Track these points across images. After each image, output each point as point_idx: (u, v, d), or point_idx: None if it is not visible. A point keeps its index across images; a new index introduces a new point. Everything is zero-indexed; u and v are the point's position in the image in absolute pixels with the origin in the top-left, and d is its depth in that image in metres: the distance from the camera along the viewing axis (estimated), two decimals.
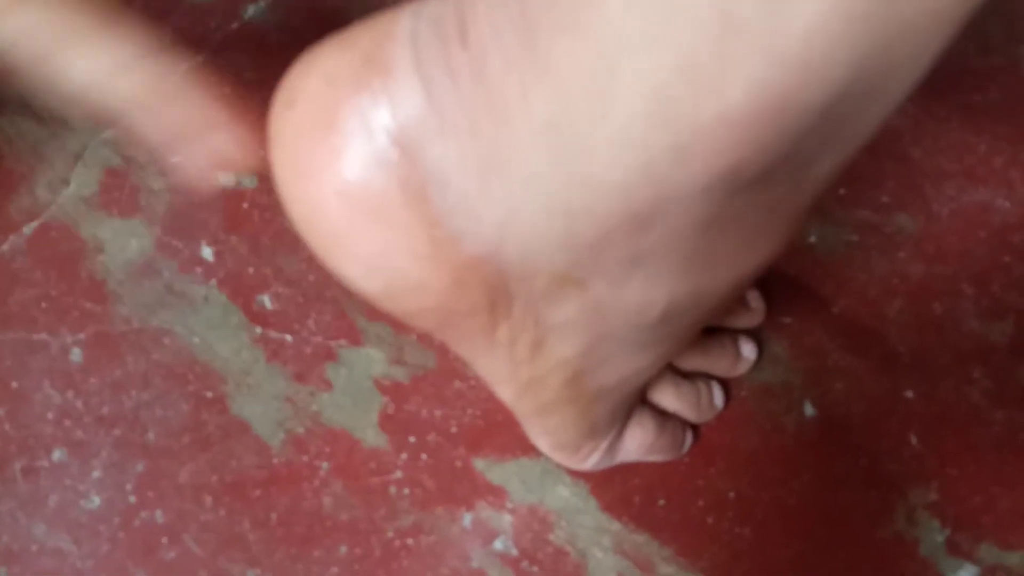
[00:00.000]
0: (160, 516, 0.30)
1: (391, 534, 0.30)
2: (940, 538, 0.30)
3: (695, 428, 0.31)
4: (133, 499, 0.31)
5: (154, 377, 0.32)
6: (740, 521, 0.30)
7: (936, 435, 0.32)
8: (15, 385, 0.32)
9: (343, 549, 0.30)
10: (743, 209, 0.17)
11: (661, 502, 0.30)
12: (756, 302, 0.31)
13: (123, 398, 0.32)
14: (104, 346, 0.33)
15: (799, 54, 0.14)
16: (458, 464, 0.31)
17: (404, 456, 0.31)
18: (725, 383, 0.32)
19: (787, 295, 0.34)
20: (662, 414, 0.29)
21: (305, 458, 0.31)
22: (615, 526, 0.30)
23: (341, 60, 0.18)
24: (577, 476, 0.31)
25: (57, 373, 0.32)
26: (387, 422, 0.32)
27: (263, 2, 0.41)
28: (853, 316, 0.34)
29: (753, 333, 0.32)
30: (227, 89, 0.39)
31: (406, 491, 0.31)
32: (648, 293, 0.19)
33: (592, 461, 0.28)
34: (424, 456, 0.31)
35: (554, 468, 0.31)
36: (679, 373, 0.30)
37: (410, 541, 0.30)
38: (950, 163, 0.36)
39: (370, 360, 0.32)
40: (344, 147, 0.18)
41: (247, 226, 0.34)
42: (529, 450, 0.30)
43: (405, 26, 0.17)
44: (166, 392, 0.32)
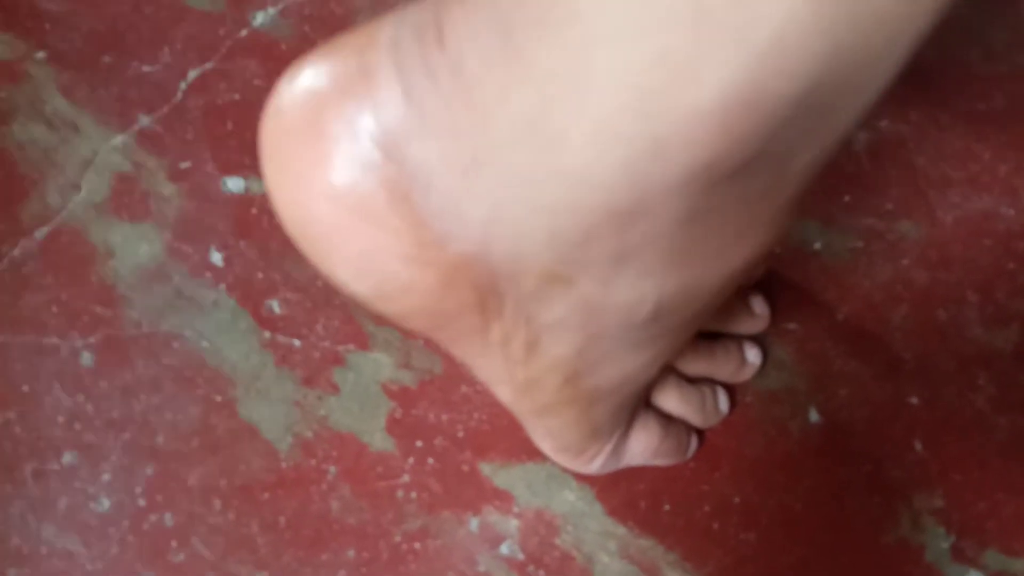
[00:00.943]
0: (169, 519, 0.31)
1: (398, 538, 0.30)
2: (945, 544, 0.30)
3: (700, 433, 0.31)
4: (142, 502, 0.31)
5: (164, 381, 0.32)
6: (745, 526, 0.30)
7: (940, 441, 0.32)
8: (26, 388, 0.32)
9: (351, 553, 0.30)
10: (726, 202, 0.17)
11: (667, 507, 0.31)
12: (760, 308, 0.32)
13: (133, 402, 0.32)
14: (114, 350, 0.33)
15: (772, 44, 0.14)
16: (465, 468, 0.31)
17: (411, 460, 0.31)
18: (730, 388, 0.32)
19: (792, 301, 0.34)
20: (667, 418, 0.29)
21: (313, 462, 0.31)
22: (621, 530, 0.30)
23: (326, 67, 0.18)
24: (583, 480, 0.31)
25: (68, 377, 0.32)
26: (394, 426, 0.32)
27: (272, 9, 0.41)
28: (857, 322, 0.34)
29: (758, 339, 0.33)
30: (236, 95, 0.39)
31: (413, 495, 0.31)
32: (637, 290, 0.20)
33: (596, 464, 0.28)
34: (431, 460, 0.31)
35: (560, 472, 0.31)
36: (684, 378, 0.30)
37: (417, 545, 0.30)
38: (954, 171, 0.36)
39: (378, 365, 0.33)
40: (330, 152, 0.18)
41: (256, 231, 0.35)
42: (535, 454, 0.31)
43: (387, 32, 0.18)
44: (175, 396, 0.32)
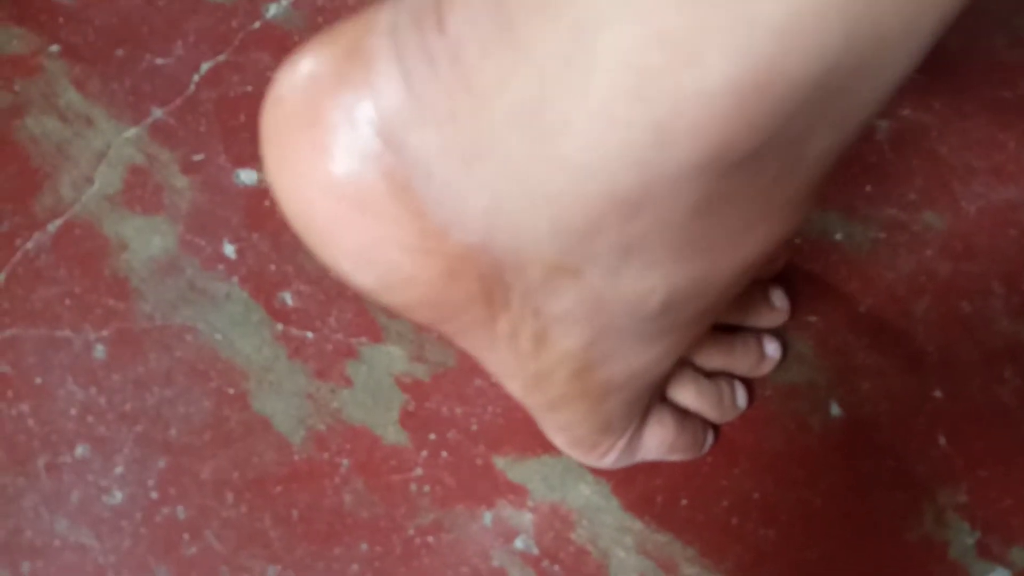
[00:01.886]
0: (182, 512, 0.30)
1: (411, 532, 0.30)
2: (970, 540, 0.29)
3: (716, 428, 0.31)
4: (155, 495, 0.31)
5: (176, 374, 0.32)
6: (765, 522, 0.30)
7: (965, 436, 0.31)
8: (39, 381, 0.32)
9: (363, 546, 0.30)
10: (736, 191, 0.17)
11: (684, 502, 0.30)
12: (780, 301, 0.31)
13: (145, 395, 0.32)
14: (127, 343, 0.33)
15: (784, 22, 0.13)
16: (479, 462, 0.31)
17: (424, 454, 0.31)
18: (749, 382, 0.31)
19: (812, 293, 0.33)
20: (683, 413, 0.29)
21: (326, 455, 0.31)
22: (637, 525, 0.30)
23: (324, 56, 0.18)
24: (599, 474, 0.30)
25: (80, 370, 0.32)
26: (408, 419, 0.31)
27: (285, 1, 0.41)
28: (880, 315, 0.33)
29: (777, 332, 0.32)
30: (249, 88, 0.39)
31: (426, 489, 0.30)
32: (645, 281, 0.19)
33: (610, 459, 0.28)
34: (445, 454, 0.31)
35: (576, 466, 0.30)
36: (701, 372, 0.29)
37: (430, 539, 0.30)
38: (978, 160, 0.36)
39: (391, 358, 0.32)
40: (329, 141, 0.18)
41: (269, 224, 0.34)
42: (550, 448, 0.30)
43: (385, 19, 0.17)
44: (188, 389, 0.32)
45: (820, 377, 0.32)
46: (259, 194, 0.35)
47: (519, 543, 0.30)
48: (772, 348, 0.31)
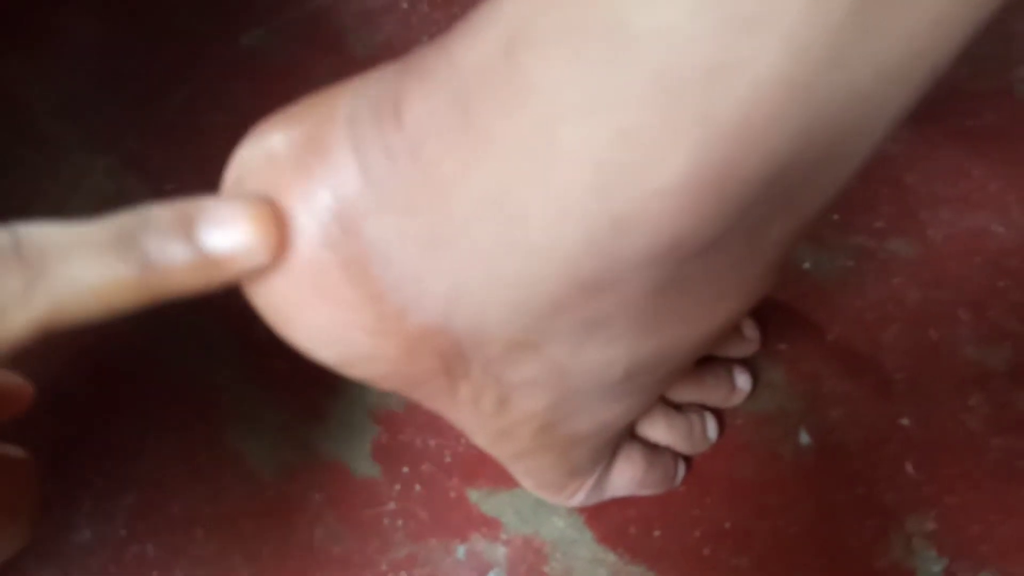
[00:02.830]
0: (151, 549, 0.30)
1: (384, 567, 0.30)
2: (938, 568, 0.30)
3: (687, 458, 0.31)
4: (124, 532, 0.30)
5: (146, 407, 0.32)
6: (737, 551, 0.30)
7: (933, 463, 0.31)
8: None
9: None
10: (695, 274, 0.17)
11: (657, 533, 0.30)
12: (751, 331, 0.31)
13: (114, 428, 0.32)
14: (100, 377, 0.32)
15: (739, 123, 0.13)
16: (452, 495, 0.31)
17: (398, 487, 0.31)
18: (719, 412, 0.31)
19: (782, 321, 0.34)
20: (652, 448, 0.29)
21: (298, 489, 0.31)
22: (611, 557, 0.30)
23: (284, 139, 0.18)
24: (572, 507, 0.30)
25: (54, 406, 0.32)
26: (380, 452, 0.31)
27: (262, 29, 0.41)
28: (849, 342, 0.33)
29: (748, 360, 0.32)
30: (225, 115, 0.39)
31: (400, 523, 0.30)
32: (608, 354, 0.19)
33: (578, 499, 0.28)
34: (418, 487, 0.31)
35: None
36: (671, 404, 0.29)
37: (404, 574, 0.30)
38: (945, 188, 0.36)
39: (364, 389, 0.32)
40: (287, 227, 0.18)
41: None
42: None
43: (345, 107, 0.17)
44: (158, 422, 0.32)
45: (790, 405, 0.32)
46: None
47: None
48: (743, 380, 0.31)
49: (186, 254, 0.17)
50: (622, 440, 0.27)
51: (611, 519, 0.30)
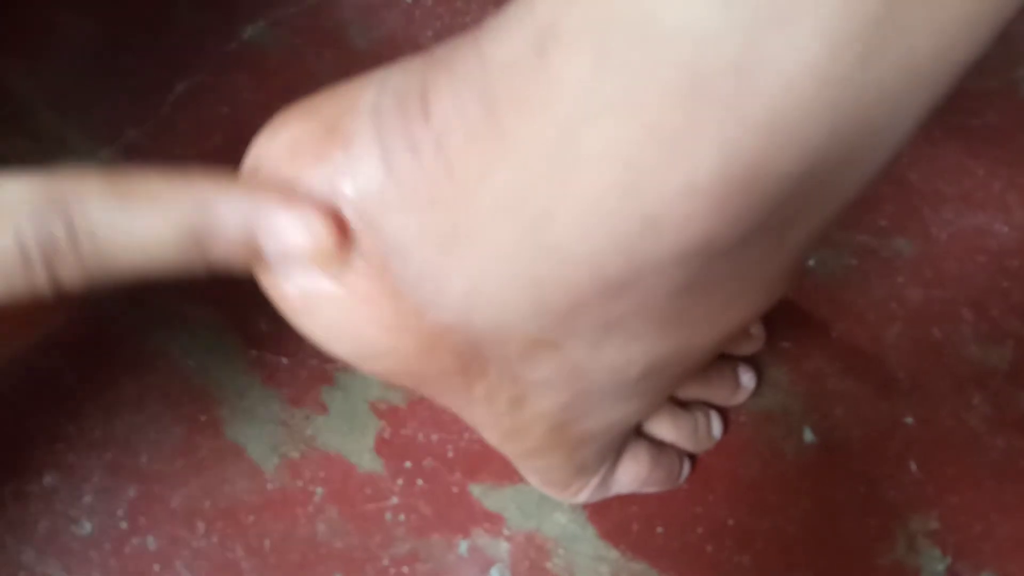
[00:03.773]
0: (152, 542, 0.30)
1: (386, 562, 0.30)
2: (941, 567, 0.30)
3: (692, 456, 0.31)
4: (124, 525, 0.30)
5: (148, 400, 0.32)
6: (739, 549, 0.30)
7: (936, 461, 0.31)
8: (6, 408, 0.32)
9: None
10: (719, 273, 0.17)
11: (660, 529, 0.30)
12: (756, 329, 0.31)
13: (116, 421, 0.32)
14: (97, 368, 0.32)
15: (770, 121, 0.13)
16: (455, 490, 0.31)
17: (400, 482, 0.31)
18: (723, 410, 0.31)
19: (786, 320, 0.33)
20: (658, 446, 0.29)
21: (300, 483, 0.31)
22: (613, 554, 0.30)
23: (304, 129, 0.18)
24: (575, 503, 0.30)
25: (48, 395, 0.32)
26: (383, 447, 0.31)
27: (262, 22, 0.41)
28: (852, 341, 0.33)
29: (752, 359, 0.32)
30: (225, 109, 0.39)
31: (402, 517, 0.30)
32: (626, 353, 0.19)
33: (583, 496, 0.28)
34: (420, 482, 0.31)
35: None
36: (676, 403, 0.29)
37: (406, 569, 0.30)
38: (948, 187, 0.36)
39: (366, 383, 0.32)
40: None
41: None
42: None
43: (368, 98, 0.17)
44: (160, 415, 0.32)
45: (794, 403, 0.32)
46: None
47: (495, 572, 0.30)
48: (747, 378, 0.31)
49: (245, 254, 0.17)
50: (628, 438, 0.27)
51: (614, 516, 0.30)
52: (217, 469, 0.31)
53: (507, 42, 0.15)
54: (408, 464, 0.31)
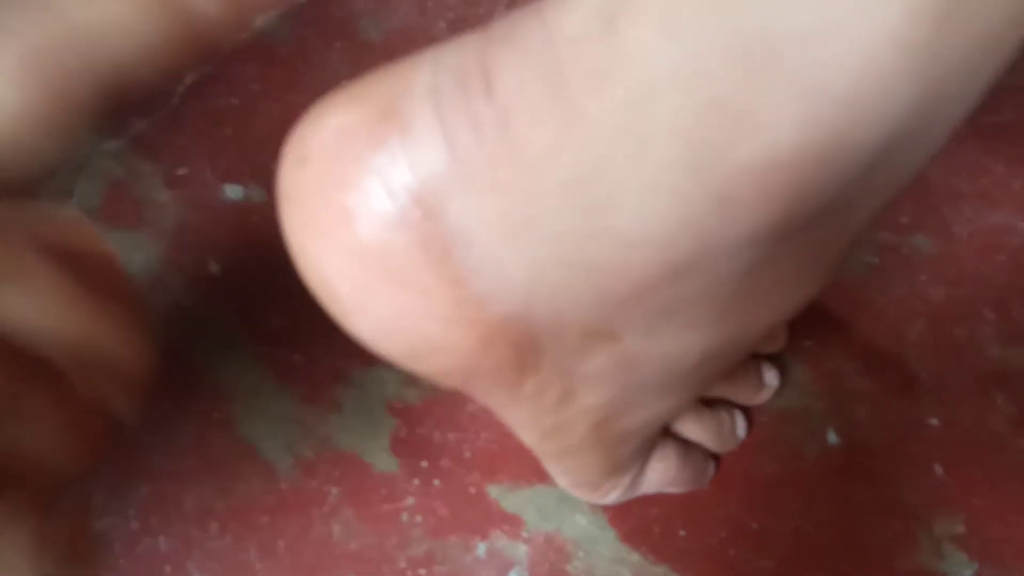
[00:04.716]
0: (164, 543, 0.29)
1: (403, 564, 0.29)
2: (969, 572, 0.29)
3: (716, 457, 0.30)
4: (135, 524, 0.29)
5: (158, 397, 0.31)
6: (762, 553, 0.30)
7: (960, 463, 0.31)
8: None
9: None
10: (784, 255, 0.16)
11: (681, 532, 0.30)
12: (779, 328, 0.31)
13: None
14: None
15: (849, 91, 0.13)
16: (472, 491, 0.30)
17: (416, 482, 0.30)
18: (746, 410, 0.31)
19: (807, 317, 0.33)
20: (685, 445, 0.28)
21: (314, 483, 0.30)
22: (634, 557, 0.29)
23: (355, 114, 0.17)
24: (595, 505, 0.30)
25: None
26: (399, 446, 0.31)
27: (273, 12, 0.40)
28: (873, 339, 0.33)
29: (774, 357, 0.32)
30: (235, 100, 0.38)
31: (418, 518, 0.30)
32: (681, 343, 0.19)
33: (612, 497, 0.27)
34: (437, 482, 0.30)
35: (571, 496, 0.30)
36: (701, 401, 0.29)
37: (422, 571, 0.29)
38: (967, 184, 0.36)
39: (381, 381, 0.32)
40: (360, 207, 0.17)
41: (256, 241, 0.34)
42: (545, 477, 0.30)
43: (424, 78, 0.16)
44: (171, 413, 0.31)
45: (815, 403, 0.32)
46: (246, 210, 0.34)
47: (514, 575, 0.29)
48: (771, 376, 0.31)
49: None
50: (656, 437, 0.27)
51: (634, 518, 0.30)
52: (230, 468, 0.30)
53: (573, 14, 0.15)
54: (424, 464, 0.30)
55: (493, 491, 0.30)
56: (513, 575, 0.29)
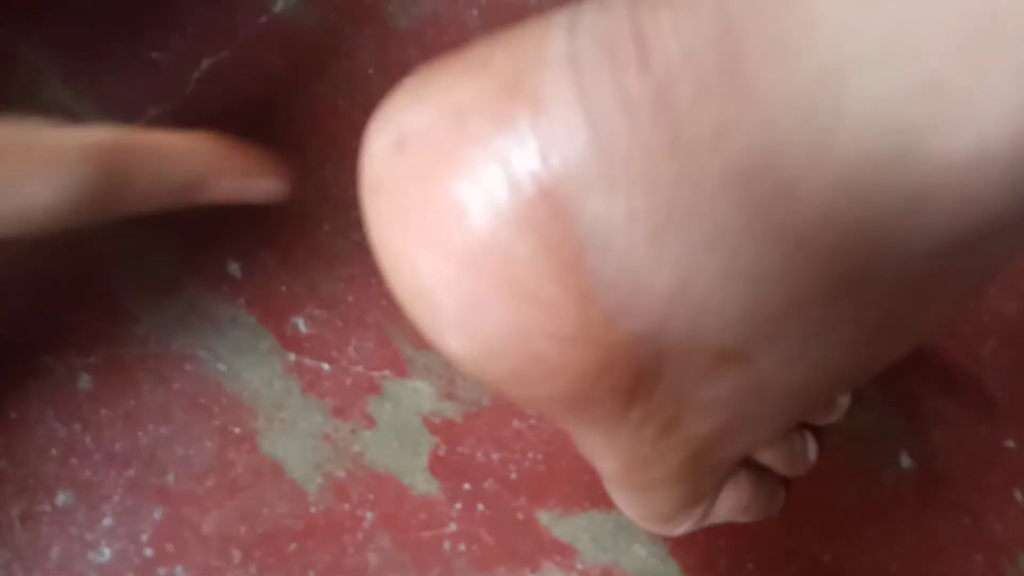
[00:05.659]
0: (181, 573, 0.27)
1: None
2: None
3: (786, 483, 0.28)
4: (149, 552, 0.27)
5: (174, 409, 0.29)
6: None
7: None
8: (13, 415, 0.28)
9: None
10: (959, 268, 0.14)
11: (750, 565, 0.27)
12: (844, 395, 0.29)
13: (138, 433, 0.28)
14: (117, 372, 0.29)
15: None
16: (520, 516, 0.27)
17: (459, 506, 0.28)
18: (816, 432, 0.29)
19: None
20: (756, 471, 0.26)
21: (347, 507, 0.27)
22: None
23: (470, 88, 0.14)
24: (655, 534, 0.27)
25: (62, 402, 0.29)
26: (439, 466, 0.28)
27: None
28: (947, 357, 0.31)
29: None
30: (254, 89, 0.36)
31: (462, 547, 0.27)
32: (812, 370, 0.16)
33: (683, 528, 0.24)
34: (481, 506, 0.28)
35: (629, 523, 0.27)
36: None
37: None
38: None
39: (418, 394, 0.29)
40: (476, 201, 0.14)
41: (279, 240, 0.31)
42: (600, 502, 0.27)
43: (558, 45, 0.14)
44: (188, 426, 0.28)
45: (889, 425, 0.30)
46: (268, 206, 0.32)
47: None
48: (842, 395, 0.28)
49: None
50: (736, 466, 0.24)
51: (699, 549, 0.27)
52: (254, 489, 0.28)
53: None
54: (467, 486, 0.28)
55: (543, 517, 0.27)
56: None
